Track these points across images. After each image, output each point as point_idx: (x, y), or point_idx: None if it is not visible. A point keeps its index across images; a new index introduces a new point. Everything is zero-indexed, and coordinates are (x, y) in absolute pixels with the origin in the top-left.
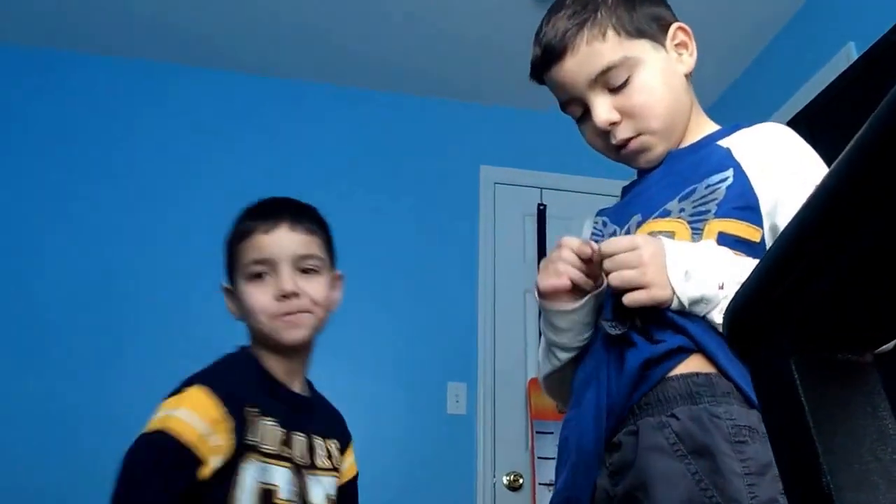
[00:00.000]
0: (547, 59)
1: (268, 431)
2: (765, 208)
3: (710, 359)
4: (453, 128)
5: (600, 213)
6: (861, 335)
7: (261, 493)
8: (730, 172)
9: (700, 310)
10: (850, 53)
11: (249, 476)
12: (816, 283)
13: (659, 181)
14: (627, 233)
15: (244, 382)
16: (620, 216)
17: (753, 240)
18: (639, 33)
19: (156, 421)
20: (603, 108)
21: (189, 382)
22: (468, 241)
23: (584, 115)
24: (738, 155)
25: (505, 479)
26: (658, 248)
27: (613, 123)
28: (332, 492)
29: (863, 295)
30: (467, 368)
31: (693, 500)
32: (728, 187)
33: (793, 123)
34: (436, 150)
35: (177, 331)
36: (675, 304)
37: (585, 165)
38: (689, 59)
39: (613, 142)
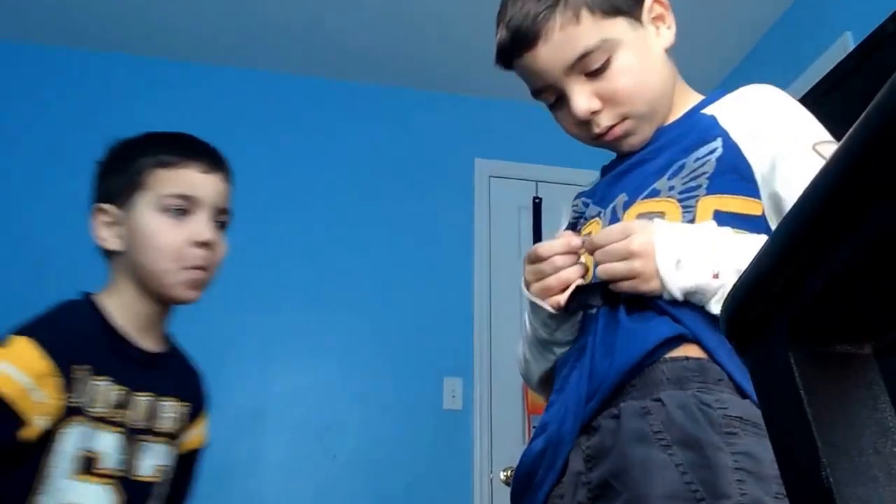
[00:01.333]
0: (517, 45)
1: (99, 392)
2: (759, 176)
3: (705, 349)
4: (447, 121)
5: (579, 195)
6: (859, 327)
7: (82, 462)
8: (718, 143)
9: (698, 300)
10: (846, 43)
11: (70, 442)
12: (814, 276)
13: (645, 159)
14: (613, 213)
15: (78, 337)
16: (604, 197)
17: (754, 213)
18: (614, 11)
19: None
20: (582, 98)
21: (15, 333)
22: (463, 234)
23: (559, 101)
24: (724, 122)
25: (502, 475)
26: (650, 237)
27: (595, 112)
28: (164, 462)
29: (861, 287)
30: (463, 363)
31: (676, 494)
32: (718, 159)
33: None
34: (430, 144)
35: None
36: (666, 296)
37: (580, 157)
38: (667, 33)
39: (596, 130)
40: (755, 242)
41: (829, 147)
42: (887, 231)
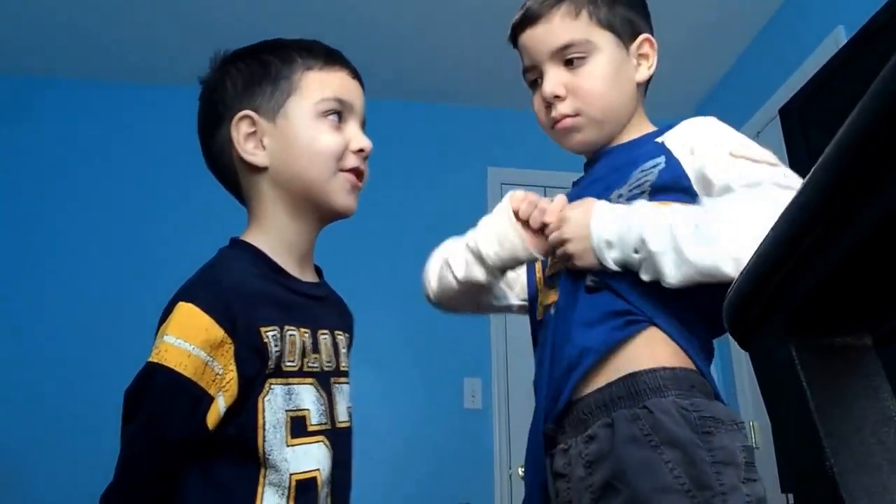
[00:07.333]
0: (523, 22)
1: (290, 344)
2: (693, 179)
3: (664, 330)
4: (460, 132)
5: None
6: (858, 319)
7: (294, 423)
8: (661, 159)
9: (632, 268)
10: (839, 37)
11: (277, 406)
12: (812, 270)
13: (600, 177)
14: None
15: (248, 291)
16: None
17: None
18: (609, 26)
19: (152, 353)
20: (552, 81)
21: (177, 299)
22: None
23: (537, 83)
24: (669, 145)
25: (521, 471)
26: (584, 212)
27: (557, 97)
28: (350, 402)
29: (858, 280)
30: (482, 365)
31: (667, 487)
32: (661, 171)
33: (785, 109)
34: (445, 154)
35: None
36: (606, 268)
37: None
38: (645, 71)
39: (552, 114)
40: (679, 207)
41: (746, 150)
42: (877, 228)
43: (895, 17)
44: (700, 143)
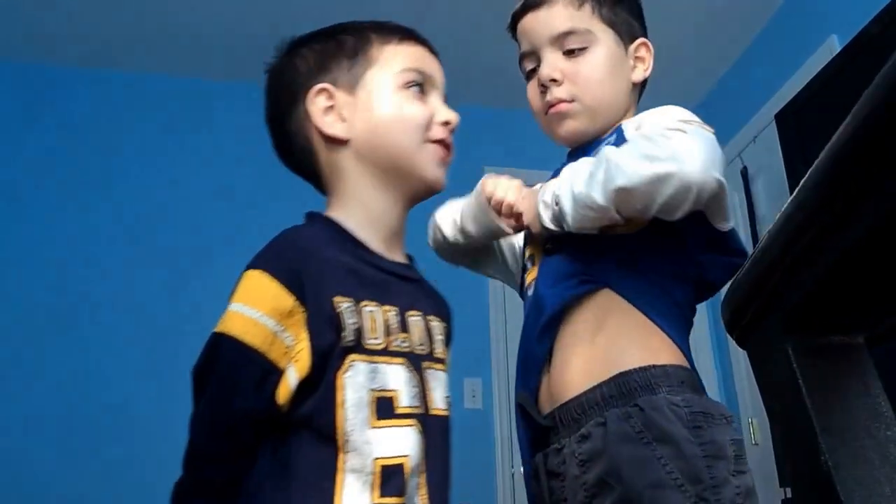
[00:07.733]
0: (525, 8)
1: (371, 320)
2: None
3: (619, 293)
4: (457, 131)
5: None
6: (852, 319)
7: (380, 404)
8: (612, 137)
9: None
10: (832, 46)
11: (359, 385)
12: (809, 271)
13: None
14: None
15: (323, 259)
16: None
17: None
18: (610, 23)
19: (218, 323)
20: (550, 64)
21: (247, 267)
22: None
23: (534, 70)
24: (624, 126)
25: (522, 470)
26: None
27: (553, 80)
28: (448, 392)
29: (852, 281)
30: (482, 364)
31: (660, 482)
32: (608, 146)
33: (780, 117)
34: None
35: None
36: (547, 228)
37: None
38: (641, 73)
39: (548, 98)
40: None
41: (684, 117)
42: (871, 231)
43: (886, 27)
44: (647, 119)
